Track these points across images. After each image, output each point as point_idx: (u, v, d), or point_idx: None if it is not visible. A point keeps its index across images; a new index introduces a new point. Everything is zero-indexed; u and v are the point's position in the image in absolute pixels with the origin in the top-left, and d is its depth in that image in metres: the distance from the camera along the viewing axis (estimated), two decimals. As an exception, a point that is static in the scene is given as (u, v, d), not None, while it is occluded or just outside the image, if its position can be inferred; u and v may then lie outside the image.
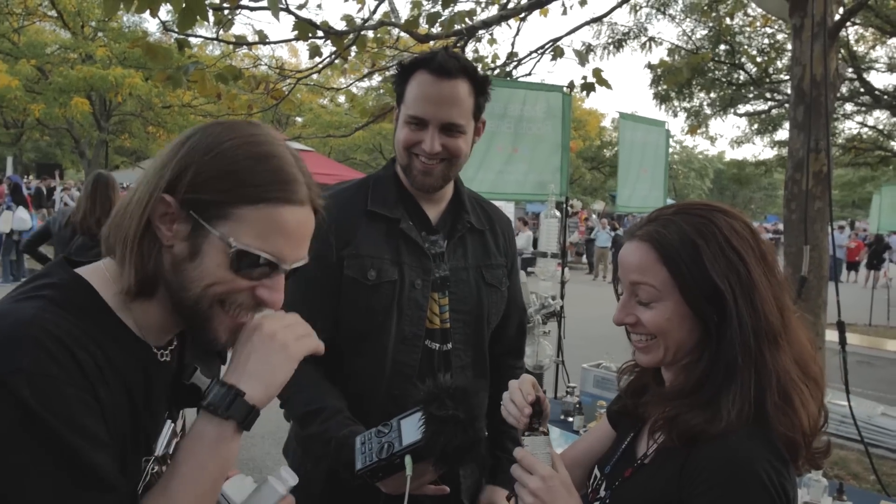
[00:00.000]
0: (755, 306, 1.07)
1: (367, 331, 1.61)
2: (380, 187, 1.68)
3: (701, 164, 37.49)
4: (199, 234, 0.91)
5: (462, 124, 1.59)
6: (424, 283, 1.63)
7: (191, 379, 1.06)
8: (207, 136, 0.94)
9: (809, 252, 3.79)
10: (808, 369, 1.09)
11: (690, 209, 1.14)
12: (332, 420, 1.49)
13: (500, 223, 1.83)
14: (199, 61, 4.73)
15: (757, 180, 30.33)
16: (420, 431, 1.26)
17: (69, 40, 16.44)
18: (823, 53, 3.91)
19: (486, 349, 1.76)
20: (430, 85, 1.56)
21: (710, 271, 1.07)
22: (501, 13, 4.68)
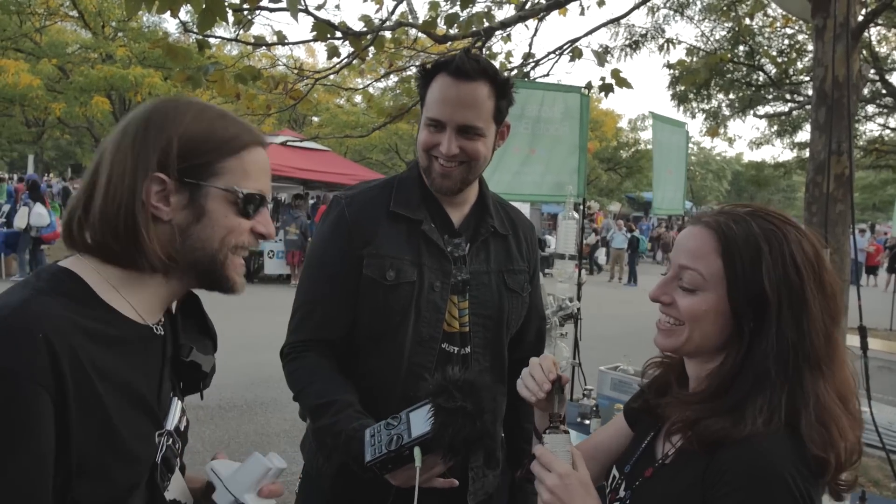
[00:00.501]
0: (801, 325, 1.06)
1: (383, 331, 1.61)
2: (403, 188, 1.68)
3: (719, 165, 37.21)
4: (199, 197, 0.99)
5: (480, 127, 1.57)
6: (444, 286, 1.63)
7: (189, 356, 1.11)
8: (166, 115, 1.00)
9: (830, 255, 3.74)
10: (848, 404, 1.07)
11: (766, 214, 1.13)
12: (342, 413, 1.49)
13: (523, 228, 1.82)
14: (218, 62, 4.76)
15: (775, 182, 30.00)
16: (429, 423, 1.26)
17: (90, 40, 16.64)
18: (846, 54, 3.86)
19: (505, 354, 1.75)
20: (448, 87, 1.56)
21: (763, 277, 1.06)
22: (520, 14, 4.66)
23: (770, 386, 1.04)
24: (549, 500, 1.12)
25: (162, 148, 0.97)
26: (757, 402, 1.04)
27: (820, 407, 1.04)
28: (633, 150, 29.75)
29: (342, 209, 1.65)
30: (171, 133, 0.98)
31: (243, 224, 1.03)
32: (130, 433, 0.96)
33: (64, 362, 0.87)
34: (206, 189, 0.99)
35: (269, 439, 5.22)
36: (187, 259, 1.01)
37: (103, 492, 0.93)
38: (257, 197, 1.04)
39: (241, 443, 5.24)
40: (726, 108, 14.53)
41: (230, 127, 1.03)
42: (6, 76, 13.90)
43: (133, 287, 1.01)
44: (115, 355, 0.95)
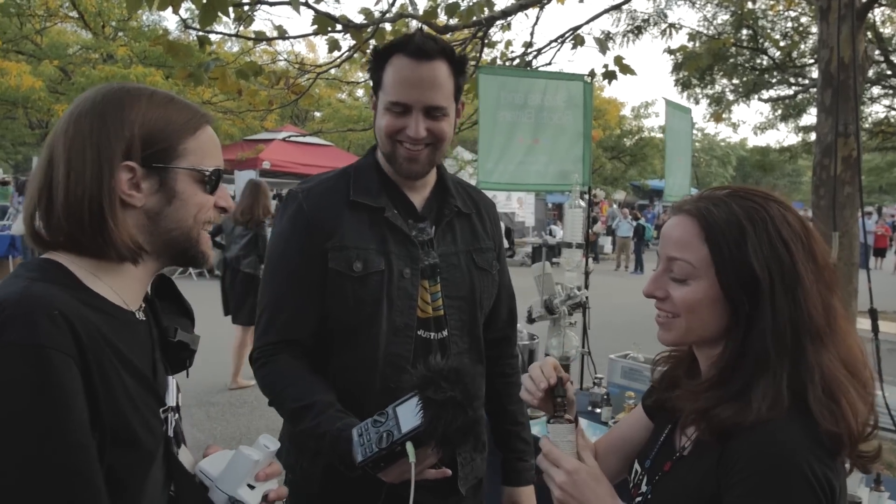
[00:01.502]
0: (796, 300, 1.04)
1: (357, 324, 1.57)
2: (361, 176, 1.64)
3: (723, 151, 37.02)
4: (169, 180, 1.03)
5: (445, 106, 1.55)
6: (413, 272, 1.59)
7: (176, 337, 1.15)
8: (120, 103, 1.02)
9: (839, 238, 3.72)
10: (857, 372, 1.05)
11: (746, 193, 1.12)
12: (324, 414, 1.45)
13: (485, 206, 1.80)
14: (219, 58, 4.75)
15: (781, 167, 29.83)
16: (419, 416, 1.24)
17: (90, 40, 16.65)
18: (851, 35, 3.83)
19: (481, 335, 1.73)
20: (409, 69, 1.52)
21: (751, 257, 1.05)
22: (520, 2, 4.63)
23: (772, 366, 1.03)
24: (561, 496, 1.12)
25: (125, 137, 1.00)
26: (761, 385, 1.02)
27: (826, 379, 1.02)
28: (637, 138, 29.61)
29: (299, 203, 1.60)
30: (131, 121, 1.01)
31: (209, 200, 1.09)
32: (144, 406, 1.00)
33: (82, 335, 0.90)
34: (173, 171, 1.04)
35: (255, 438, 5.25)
36: (162, 240, 1.05)
37: (134, 458, 0.97)
38: (217, 172, 1.09)
39: (252, 439, 5.22)
40: (730, 93, 14.44)
41: (182, 110, 1.07)
42: (8, 79, 13.92)
43: (111, 275, 1.03)
44: (113, 335, 0.97)
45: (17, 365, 0.84)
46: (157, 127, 1.02)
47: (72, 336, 0.88)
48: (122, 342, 0.98)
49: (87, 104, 1.02)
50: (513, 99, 3.65)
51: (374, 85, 1.61)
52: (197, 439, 5.18)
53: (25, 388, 0.84)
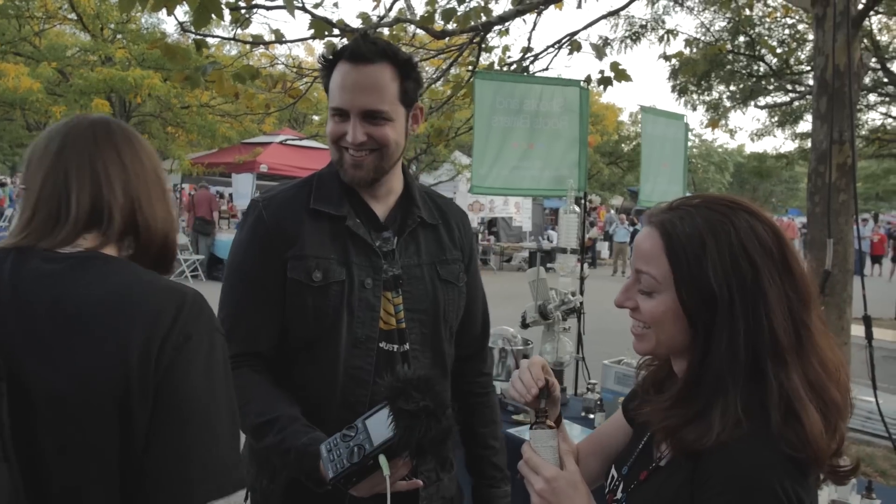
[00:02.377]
0: (758, 318, 1.01)
1: (316, 336, 1.52)
2: (323, 185, 1.60)
3: (720, 157, 37.07)
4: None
5: (385, 110, 1.49)
6: (375, 283, 1.55)
7: None
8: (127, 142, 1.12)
9: (834, 245, 3.72)
10: (825, 393, 1.02)
11: (714, 203, 1.09)
12: (288, 429, 1.41)
13: (454, 216, 1.74)
14: (216, 61, 4.75)
15: (778, 173, 29.84)
16: (391, 428, 1.22)
17: (89, 43, 16.63)
18: (847, 43, 3.84)
19: (446, 349, 1.67)
20: (347, 73, 1.49)
21: (709, 272, 1.02)
22: (518, 8, 4.64)
23: (728, 387, 1.00)
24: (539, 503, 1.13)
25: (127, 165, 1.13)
26: (719, 406, 1.00)
27: (787, 400, 0.99)
28: (635, 144, 29.65)
29: (260, 212, 1.55)
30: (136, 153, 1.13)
31: None
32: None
33: None
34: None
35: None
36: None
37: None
38: None
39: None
40: (727, 100, 14.47)
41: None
42: (6, 80, 13.89)
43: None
44: None
45: None
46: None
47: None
48: None
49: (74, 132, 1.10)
50: (508, 104, 3.65)
51: (327, 91, 1.57)
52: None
53: None
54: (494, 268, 17.72)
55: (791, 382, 0.99)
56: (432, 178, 18.78)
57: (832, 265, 3.72)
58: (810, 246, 4.07)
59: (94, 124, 1.10)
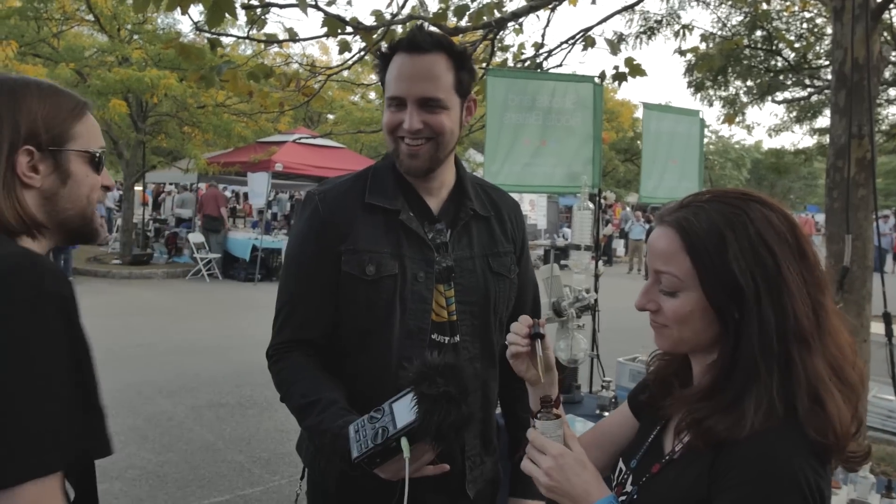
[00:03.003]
0: (783, 305, 1.02)
1: (370, 327, 1.57)
2: (378, 179, 1.64)
3: (738, 153, 36.73)
4: (62, 162, 1.13)
5: (441, 98, 1.53)
6: (428, 276, 1.58)
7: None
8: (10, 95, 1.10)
9: (853, 242, 3.67)
10: (843, 374, 1.04)
11: (725, 197, 1.10)
12: (327, 411, 1.46)
13: (506, 208, 1.78)
14: (230, 60, 4.77)
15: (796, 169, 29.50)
16: (413, 412, 1.24)
17: (106, 43, 16.78)
18: (866, 36, 3.78)
19: (495, 339, 1.70)
20: (404, 63, 1.53)
21: (733, 265, 1.03)
22: (531, 4, 4.62)
23: (762, 376, 1.02)
24: (546, 482, 1.13)
25: (26, 123, 1.09)
26: (753, 395, 1.01)
27: (813, 384, 1.00)
28: (651, 140, 29.43)
29: (316, 205, 1.61)
30: (29, 108, 1.10)
31: (97, 180, 1.19)
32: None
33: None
34: (67, 154, 1.13)
35: (290, 436, 5.24)
36: (58, 219, 1.14)
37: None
38: (102, 154, 1.19)
39: (262, 439, 5.28)
40: (744, 95, 14.33)
41: (69, 96, 1.16)
42: (25, 81, 14.06)
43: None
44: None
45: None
46: (52, 113, 1.12)
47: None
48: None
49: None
50: (521, 101, 3.64)
51: (383, 86, 1.61)
52: (206, 440, 5.20)
53: None
54: (509, 265, 17.67)
55: (815, 367, 1.01)
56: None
57: (851, 261, 3.66)
58: (829, 242, 4.02)
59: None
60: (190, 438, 5.20)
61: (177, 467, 4.69)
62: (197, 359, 7.56)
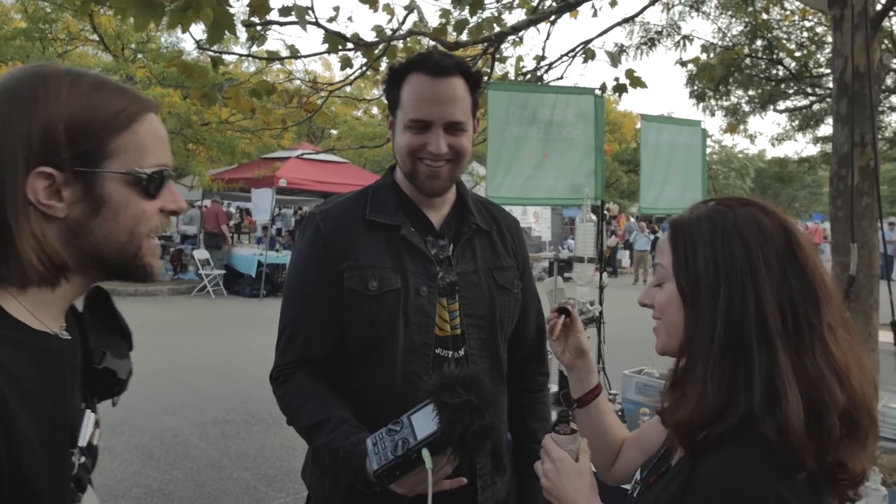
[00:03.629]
0: (745, 297, 1.01)
1: (373, 342, 1.57)
2: (379, 196, 1.66)
3: (741, 162, 36.72)
4: (94, 186, 0.87)
5: (464, 122, 1.57)
6: (430, 290, 1.59)
7: (102, 363, 0.99)
8: (33, 93, 0.85)
9: (858, 250, 3.65)
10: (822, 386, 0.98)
11: (725, 199, 1.12)
12: (338, 429, 1.46)
13: (506, 224, 1.79)
14: (233, 78, 4.80)
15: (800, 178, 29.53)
16: (435, 422, 1.24)
17: (111, 63, 16.92)
18: (866, 44, 3.78)
19: (503, 354, 1.71)
20: (427, 85, 1.53)
21: (698, 254, 1.06)
22: (531, 17, 4.64)
23: (701, 362, 1.03)
24: (545, 483, 1.21)
25: (41, 135, 0.83)
26: (693, 380, 1.04)
27: (771, 380, 0.98)
28: (654, 151, 29.46)
29: (317, 224, 1.62)
30: (48, 116, 0.84)
31: (150, 207, 0.92)
32: (52, 455, 0.87)
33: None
34: (101, 176, 0.87)
35: (296, 452, 5.22)
36: (91, 256, 0.90)
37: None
38: (160, 173, 0.92)
39: (268, 456, 5.25)
40: (746, 105, 14.34)
41: (114, 98, 0.89)
42: (31, 101, 14.18)
43: (28, 295, 0.88)
44: (27, 373, 0.84)
45: None
46: (81, 122, 0.85)
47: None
48: (33, 379, 0.85)
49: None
50: (521, 114, 3.64)
51: (391, 103, 1.62)
52: (212, 457, 5.18)
53: None
54: (514, 278, 17.63)
55: (777, 365, 0.99)
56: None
57: (857, 270, 3.64)
58: (835, 251, 4.00)
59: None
60: (195, 456, 5.18)
61: (182, 485, 4.66)
62: (202, 375, 7.55)
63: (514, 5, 5.39)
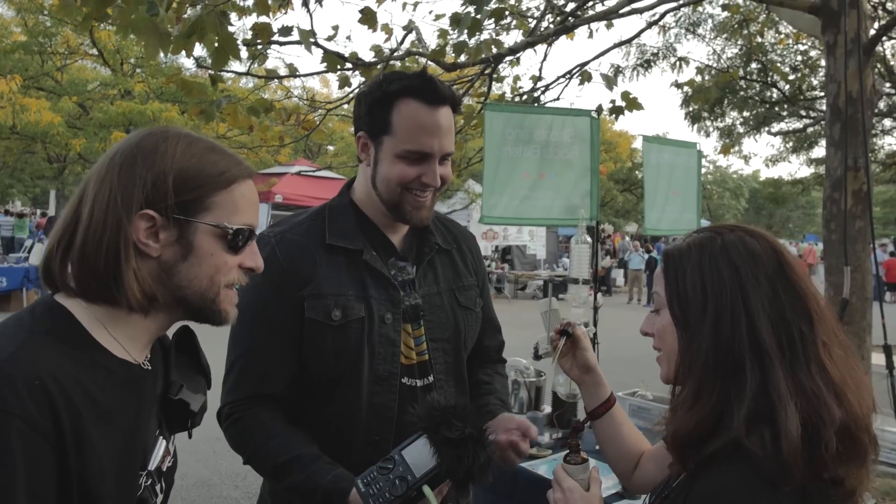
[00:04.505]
0: (736, 316, 1.03)
1: (337, 375, 1.48)
2: (336, 218, 1.56)
3: (735, 183, 36.96)
4: (188, 233, 0.98)
5: (453, 151, 1.53)
6: (395, 317, 1.51)
7: (178, 395, 1.09)
8: (154, 148, 0.98)
9: (851, 273, 3.67)
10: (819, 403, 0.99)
11: (716, 227, 1.15)
12: (313, 465, 1.37)
13: (465, 241, 1.74)
14: (231, 95, 4.83)
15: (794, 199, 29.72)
16: (432, 456, 1.22)
17: (109, 77, 17.01)
18: (858, 70, 3.83)
19: (466, 376, 1.67)
20: (426, 115, 1.44)
21: (686, 276, 1.08)
22: (528, 40, 4.69)
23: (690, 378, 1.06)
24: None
25: (153, 183, 0.96)
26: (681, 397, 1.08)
27: (766, 397, 0.98)
28: (649, 171, 29.65)
29: (272, 248, 1.48)
30: (162, 167, 0.97)
31: (231, 261, 1.03)
32: (120, 475, 0.95)
33: (60, 407, 0.87)
34: (195, 225, 0.98)
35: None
36: (175, 295, 1.00)
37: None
38: (246, 231, 1.03)
39: (257, 476, 5.19)
40: (740, 126, 14.47)
41: (220, 161, 1.02)
42: (28, 115, 14.22)
43: (118, 324, 0.99)
44: (105, 395, 0.94)
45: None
46: (187, 176, 0.98)
47: (49, 409, 0.85)
48: (112, 403, 0.94)
49: (126, 145, 1.00)
50: (518, 134, 3.67)
51: (377, 127, 1.48)
52: (202, 475, 5.13)
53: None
54: (509, 296, 17.65)
55: (771, 381, 1.00)
56: (446, 206, 18.88)
57: (850, 293, 3.66)
58: (828, 273, 4.02)
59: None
60: (185, 473, 5.13)
61: (172, 503, 4.62)
62: (194, 391, 7.49)
63: (512, 27, 5.45)
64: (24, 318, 0.96)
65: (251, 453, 1.47)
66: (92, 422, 0.90)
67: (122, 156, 0.98)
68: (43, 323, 0.95)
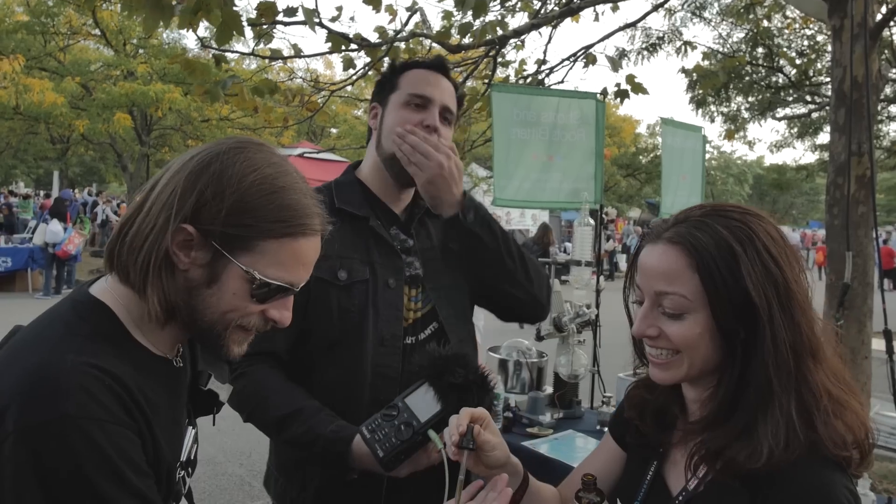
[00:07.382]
0: (794, 319, 0.97)
1: (341, 336, 1.53)
2: (343, 189, 1.66)
3: (739, 169, 36.81)
4: (219, 263, 0.94)
5: (452, 115, 1.66)
6: (398, 282, 1.60)
7: (206, 385, 1.11)
8: (228, 167, 0.93)
9: (853, 259, 3.68)
10: (847, 383, 1.01)
11: (724, 211, 1.04)
12: (314, 418, 1.43)
13: None
14: (236, 75, 4.82)
15: (798, 185, 29.59)
16: (437, 403, 1.25)
17: (112, 58, 16.92)
18: (865, 54, 3.81)
19: (470, 317, 1.76)
20: (428, 74, 1.64)
21: (746, 281, 0.96)
22: (533, 22, 4.67)
23: (776, 397, 0.96)
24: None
25: (202, 202, 0.91)
26: (769, 419, 0.95)
27: (829, 398, 0.97)
28: (652, 156, 29.57)
29: None
30: (223, 189, 0.92)
31: (252, 307, 0.97)
32: (171, 465, 0.99)
33: (131, 407, 0.90)
34: (227, 260, 0.93)
35: (291, 449, 5.23)
36: (188, 314, 0.96)
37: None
38: (275, 287, 0.97)
39: (262, 453, 5.26)
40: (745, 111, 14.39)
41: (287, 207, 0.95)
42: (31, 95, 14.19)
43: (148, 326, 0.98)
44: (154, 393, 0.95)
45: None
46: (241, 210, 0.92)
47: (123, 410, 0.88)
48: (160, 398, 0.97)
49: (209, 149, 0.97)
50: (525, 116, 3.66)
51: (385, 88, 1.67)
52: (207, 452, 5.19)
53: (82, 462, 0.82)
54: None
55: (827, 381, 0.98)
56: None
57: (852, 278, 3.67)
58: (830, 259, 4.03)
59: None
60: (191, 452, 5.19)
61: (177, 481, 4.68)
62: (198, 372, 7.55)
63: (517, 9, 5.42)
64: (68, 319, 0.95)
65: (252, 408, 1.52)
66: (153, 419, 0.93)
67: (199, 160, 0.95)
68: (90, 325, 0.94)
